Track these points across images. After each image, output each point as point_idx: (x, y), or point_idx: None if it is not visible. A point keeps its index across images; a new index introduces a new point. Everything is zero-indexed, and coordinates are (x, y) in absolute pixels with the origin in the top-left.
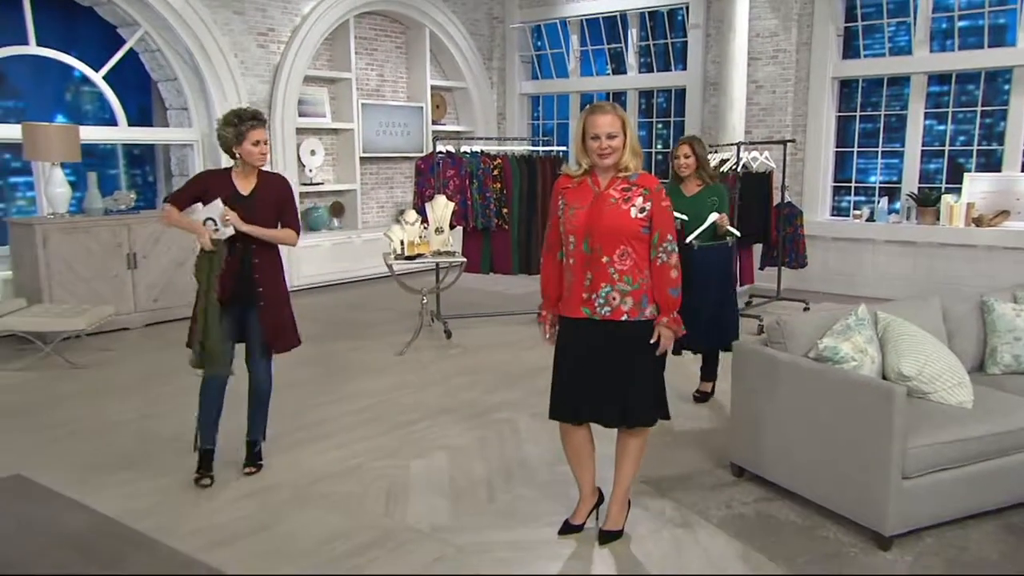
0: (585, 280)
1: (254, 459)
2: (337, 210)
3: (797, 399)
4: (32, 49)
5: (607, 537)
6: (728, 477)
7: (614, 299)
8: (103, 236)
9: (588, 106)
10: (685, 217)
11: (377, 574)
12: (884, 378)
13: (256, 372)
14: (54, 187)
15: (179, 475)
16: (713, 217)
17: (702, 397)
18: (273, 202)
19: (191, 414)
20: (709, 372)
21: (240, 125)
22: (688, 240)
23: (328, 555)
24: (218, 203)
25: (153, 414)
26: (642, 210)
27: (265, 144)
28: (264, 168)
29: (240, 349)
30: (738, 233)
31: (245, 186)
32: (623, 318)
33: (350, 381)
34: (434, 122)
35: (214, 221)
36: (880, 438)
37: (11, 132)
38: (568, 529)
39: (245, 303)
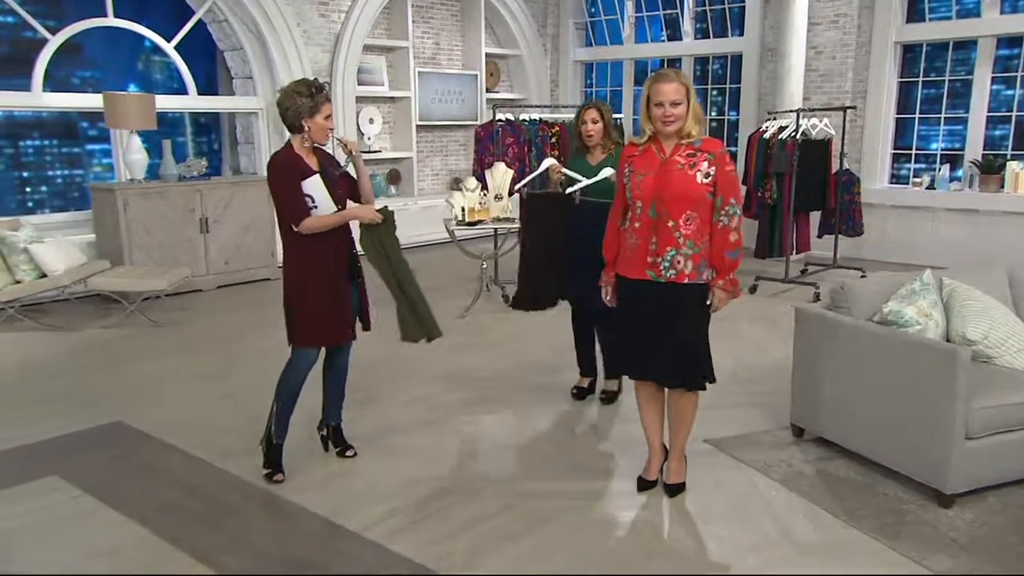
0: (651, 244)
1: (347, 443)
2: (394, 178)
3: (860, 362)
4: (110, 21)
5: (674, 490)
6: (788, 437)
7: (679, 263)
8: (177, 201)
9: (652, 73)
10: (587, 180)
11: None
12: (948, 342)
13: (344, 351)
14: (132, 154)
15: (260, 426)
16: (606, 172)
17: (608, 398)
18: (340, 175)
19: (266, 372)
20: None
21: (317, 96)
22: (569, 191)
23: (410, 498)
24: (317, 179)
25: (231, 370)
26: (707, 175)
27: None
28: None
29: None
30: None
31: (313, 164)
32: (685, 281)
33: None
34: (488, 90)
35: (311, 198)
36: (944, 399)
37: (89, 101)
38: (645, 485)
39: (355, 280)
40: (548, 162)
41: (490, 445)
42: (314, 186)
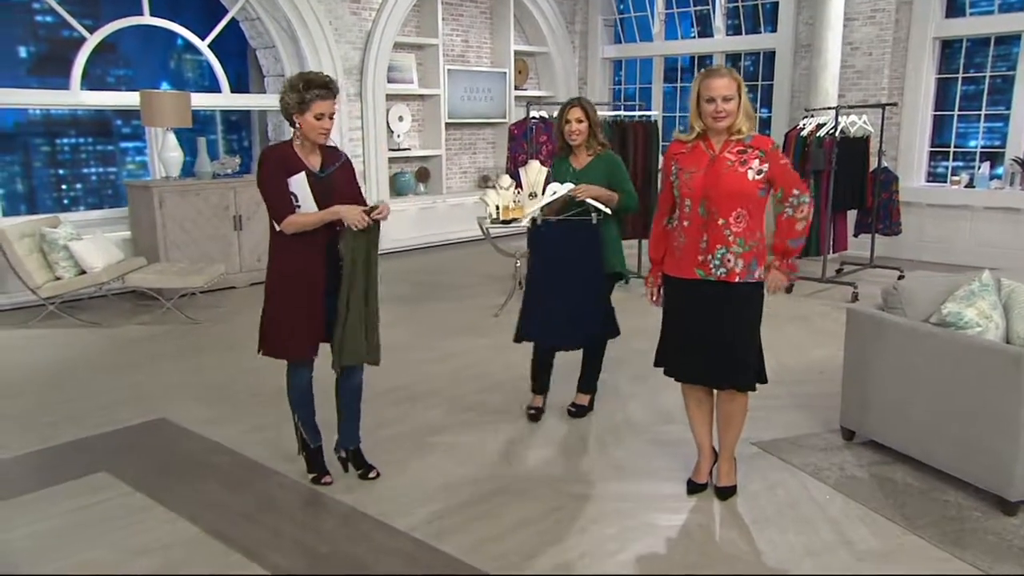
0: (701, 242)
1: (368, 465)
2: (423, 175)
3: (916, 364)
4: (147, 19)
5: (725, 493)
6: (838, 440)
7: (729, 261)
8: (212, 199)
9: (703, 70)
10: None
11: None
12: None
13: (356, 368)
14: (168, 151)
15: None
16: (565, 188)
17: (577, 411)
18: (347, 179)
19: None
20: (585, 382)
21: (305, 92)
22: (528, 213)
23: (456, 499)
24: (301, 177)
25: (268, 366)
26: (759, 172)
27: (330, 119)
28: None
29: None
30: (607, 210)
31: (313, 162)
32: (736, 280)
33: (450, 340)
34: (516, 87)
35: (295, 196)
36: (1008, 404)
37: (126, 99)
38: (694, 488)
39: (333, 292)
40: (566, 187)
41: (532, 446)
42: (298, 184)
